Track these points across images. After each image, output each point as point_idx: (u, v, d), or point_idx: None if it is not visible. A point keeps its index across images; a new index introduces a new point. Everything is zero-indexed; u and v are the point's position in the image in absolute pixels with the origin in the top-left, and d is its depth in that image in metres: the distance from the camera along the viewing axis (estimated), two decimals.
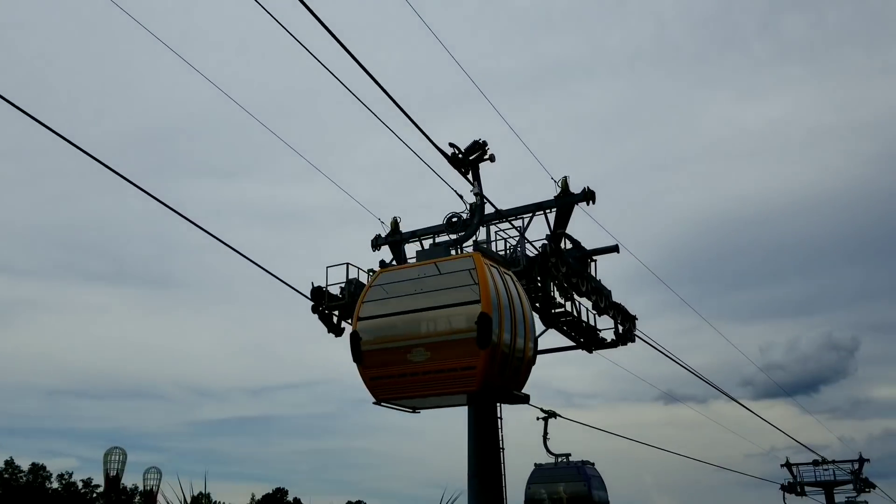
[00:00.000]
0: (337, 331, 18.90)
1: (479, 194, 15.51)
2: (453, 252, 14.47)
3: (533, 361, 14.48)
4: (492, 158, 15.21)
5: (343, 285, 18.58)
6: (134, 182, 11.79)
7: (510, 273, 14.24)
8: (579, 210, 18.70)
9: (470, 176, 15.40)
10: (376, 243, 20.62)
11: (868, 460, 72.04)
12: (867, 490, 73.50)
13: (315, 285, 18.62)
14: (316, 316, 18.98)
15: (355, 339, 13.79)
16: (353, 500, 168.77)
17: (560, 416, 27.83)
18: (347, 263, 18.57)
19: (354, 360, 13.91)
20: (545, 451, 28.25)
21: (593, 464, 28.05)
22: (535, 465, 27.68)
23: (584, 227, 19.26)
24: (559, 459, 28.39)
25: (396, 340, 13.48)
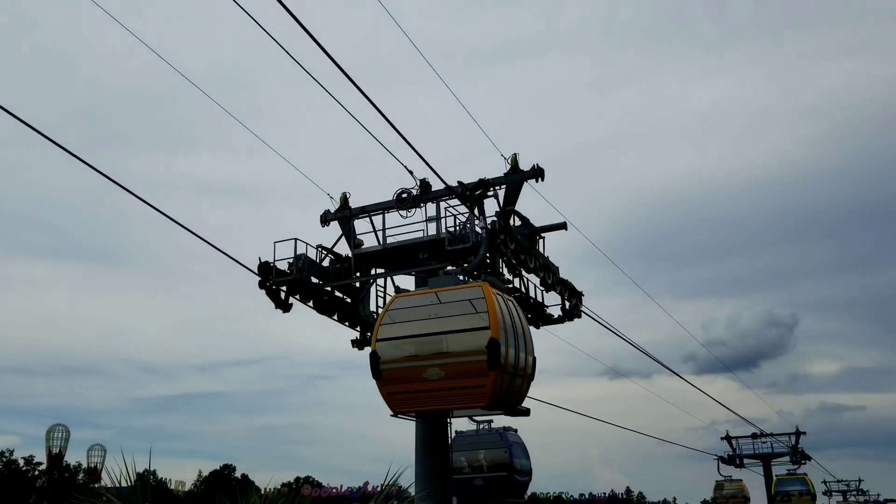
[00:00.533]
0: (284, 306, 18.75)
1: (485, 228, 17.25)
2: (461, 278, 15.93)
3: (532, 377, 15.91)
4: (495, 196, 18.05)
5: (291, 261, 18.43)
6: (77, 155, 11.47)
7: (511, 298, 15.92)
8: (528, 187, 18.84)
9: (476, 211, 17.56)
10: (325, 219, 20.47)
11: (804, 433, 74.62)
12: (803, 462, 76.23)
13: (262, 260, 18.43)
14: (263, 292, 18.82)
15: (375, 358, 15.12)
16: (302, 476, 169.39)
17: None
18: (295, 239, 18.42)
19: (374, 377, 15.22)
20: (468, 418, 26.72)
21: (516, 430, 27.72)
22: (456, 432, 26.00)
23: (533, 205, 19.44)
24: (481, 426, 27.85)
25: (413, 360, 14.98)
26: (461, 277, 15.82)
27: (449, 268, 17.18)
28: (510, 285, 18.37)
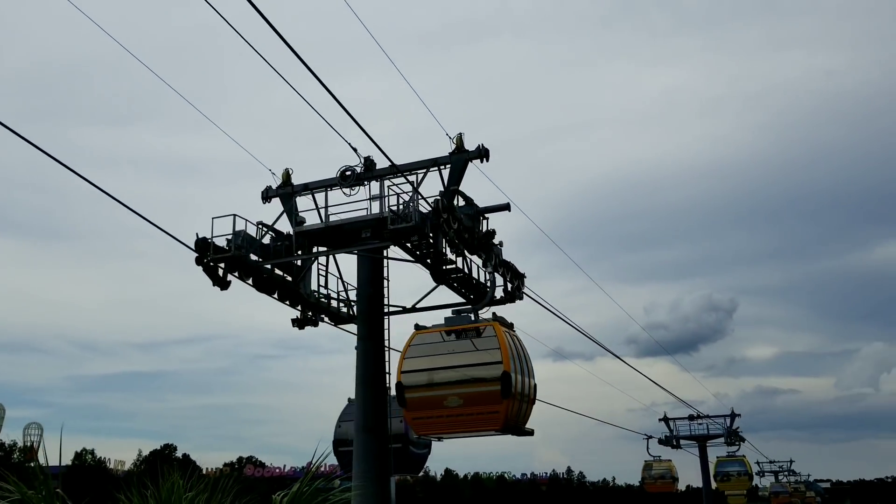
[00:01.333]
0: (222, 284, 18.31)
1: (493, 272, 19.04)
2: (472, 317, 17.79)
3: (534, 401, 17.88)
4: (501, 244, 19.01)
5: (230, 237, 18.00)
6: (14, 130, 10.91)
7: (515, 334, 17.82)
8: (474, 169, 18.75)
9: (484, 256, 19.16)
10: (266, 195, 20.08)
11: (739, 415, 76.85)
12: (737, 443, 78.53)
13: (200, 237, 17.96)
14: (201, 269, 18.36)
15: (400, 388, 17.19)
16: (246, 455, 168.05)
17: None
18: (234, 215, 17.99)
19: (399, 405, 17.27)
20: None
21: None
22: (349, 399, 21.43)
23: (477, 186, 19.35)
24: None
25: (435, 390, 16.98)
26: (472, 317, 17.86)
27: (462, 308, 18.57)
28: (452, 265, 18.28)
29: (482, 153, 18.28)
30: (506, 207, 19.13)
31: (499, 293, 19.97)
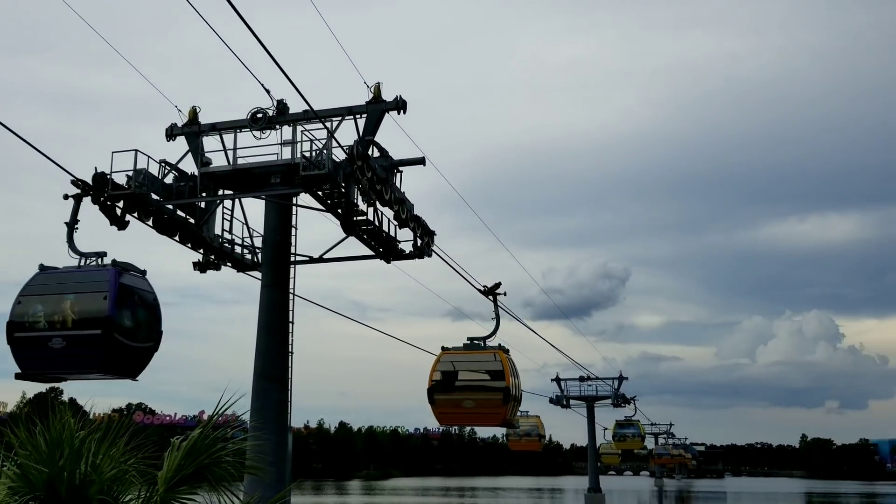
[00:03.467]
0: (120, 223, 17.37)
1: (497, 317, 26.10)
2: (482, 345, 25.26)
3: (520, 401, 26.30)
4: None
5: (130, 174, 17.11)
6: None
7: (510, 356, 25.12)
8: (390, 122, 18.41)
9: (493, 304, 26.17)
10: (171, 133, 19.17)
11: (626, 378, 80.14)
12: (623, 405, 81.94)
13: (98, 171, 16.99)
14: (97, 207, 17.40)
15: (431, 393, 24.60)
16: (135, 402, 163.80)
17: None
18: (136, 150, 17.10)
19: (430, 403, 24.78)
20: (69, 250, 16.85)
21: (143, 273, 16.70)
22: (41, 266, 16.30)
23: (393, 139, 19.06)
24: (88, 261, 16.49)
25: (456, 395, 24.74)
26: (482, 345, 25.31)
27: (475, 338, 25.67)
28: (363, 216, 18.02)
29: (399, 104, 17.98)
30: (420, 161, 18.93)
31: (408, 247, 19.89)
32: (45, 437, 5.48)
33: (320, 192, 17.38)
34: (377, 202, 18.09)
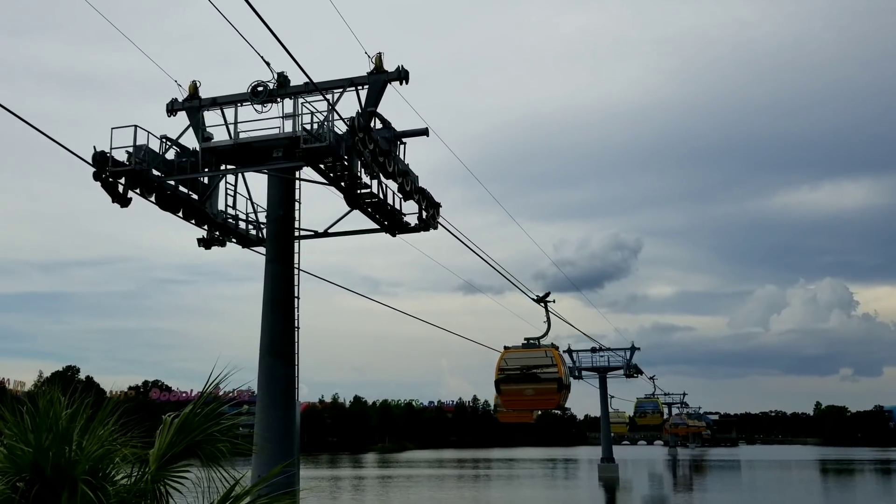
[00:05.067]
0: (123, 200, 17.28)
1: (548, 320, 34.52)
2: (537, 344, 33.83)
3: (570, 389, 35.32)
4: (554, 300, 29.95)
5: (131, 150, 16.95)
6: None
7: (559, 350, 34.09)
8: (394, 94, 18.11)
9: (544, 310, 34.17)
10: (171, 108, 18.96)
11: (639, 349, 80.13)
12: (636, 375, 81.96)
13: (98, 150, 16.83)
14: (99, 184, 17.25)
15: (498, 384, 32.81)
16: (151, 379, 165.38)
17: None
18: (135, 126, 16.92)
19: (497, 392, 33.20)
20: None
21: None
22: None
23: (397, 112, 18.78)
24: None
25: (518, 384, 32.46)
26: (537, 344, 33.60)
27: (532, 338, 34.02)
28: (367, 189, 17.80)
29: (402, 75, 17.68)
30: (424, 132, 18.68)
31: (414, 220, 19.69)
32: (31, 414, 5.36)
33: (322, 166, 17.17)
34: (381, 175, 17.87)
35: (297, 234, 18.17)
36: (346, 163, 16.85)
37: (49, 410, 5.36)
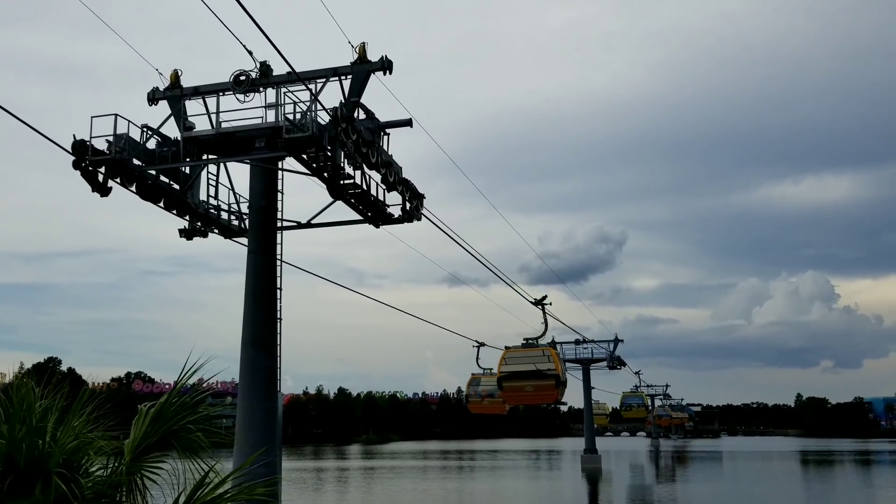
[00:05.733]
0: (102, 190, 17.07)
1: (545, 322, 39.27)
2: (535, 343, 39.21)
3: (566, 384, 40.61)
4: (550, 302, 33.01)
5: (111, 139, 16.75)
6: None
7: (556, 349, 41.26)
8: (377, 84, 18.00)
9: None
10: (153, 97, 18.77)
11: (622, 341, 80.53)
12: (619, 367, 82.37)
13: (77, 138, 16.62)
14: (79, 173, 17.05)
15: (500, 380, 38.50)
16: (134, 371, 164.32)
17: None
18: (115, 115, 16.72)
19: (499, 388, 39.47)
20: None
21: None
22: None
23: (381, 104, 18.69)
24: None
25: (519, 381, 37.69)
26: (535, 343, 38.35)
27: (530, 338, 38.72)
28: (350, 180, 17.71)
29: (385, 65, 17.60)
30: (408, 123, 18.60)
31: (398, 211, 19.63)
32: (5, 408, 5.29)
33: (305, 156, 17.07)
34: (364, 165, 17.79)
35: (279, 224, 18.07)
36: (329, 153, 16.74)
37: (23, 402, 5.29)
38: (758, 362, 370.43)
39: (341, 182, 17.65)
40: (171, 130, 18.34)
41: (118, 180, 17.23)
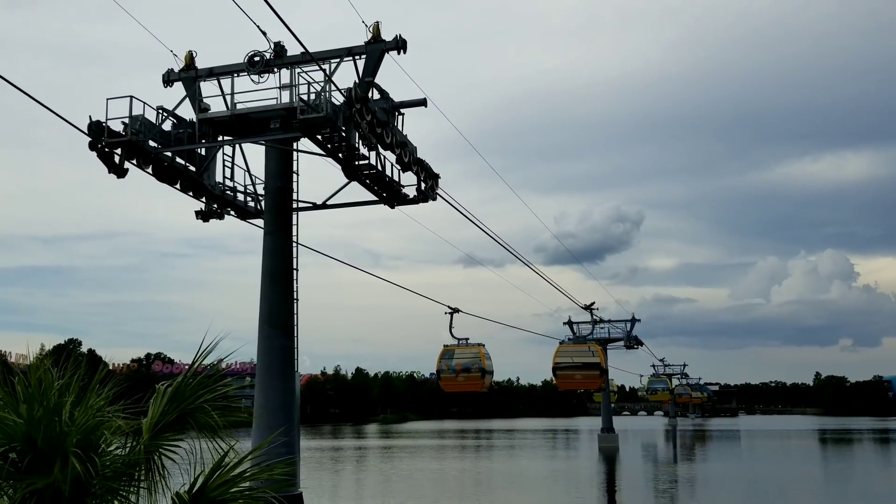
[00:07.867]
0: (119, 171, 17.17)
1: (593, 323, 61.42)
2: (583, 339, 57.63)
3: (608, 373, 69.27)
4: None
5: (126, 120, 16.80)
6: None
7: (601, 346, 61.30)
8: (391, 64, 17.90)
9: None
10: (168, 79, 18.83)
11: (639, 320, 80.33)
12: (635, 346, 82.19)
13: (93, 119, 16.70)
14: (95, 154, 17.13)
15: (555, 369, 52.67)
16: (154, 352, 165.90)
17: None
18: (131, 96, 16.77)
19: (553, 376, 54.29)
20: None
21: None
22: None
23: (396, 84, 18.59)
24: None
25: (570, 370, 52.36)
26: (583, 340, 57.79)
27: (577, 338, 58.04)
28: (365, 161, 17.67)
29: (399, 44, 17.50)
30: (422, 103, 18.51)
31: (413, 192, 19.58)
32: (23, 384, 5.34)
33: (320, 137, 17.04)
34: (379, 146, 17.74)
35: (295, 205, 18.09)
36: (343, 134, 16.70)
37: (41, 382, 5.33)
38: (776, 341, 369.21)
39: (356, 163, 17.63)
40: (187, 112, 18.41)
41: (134, 162, 17.32)
